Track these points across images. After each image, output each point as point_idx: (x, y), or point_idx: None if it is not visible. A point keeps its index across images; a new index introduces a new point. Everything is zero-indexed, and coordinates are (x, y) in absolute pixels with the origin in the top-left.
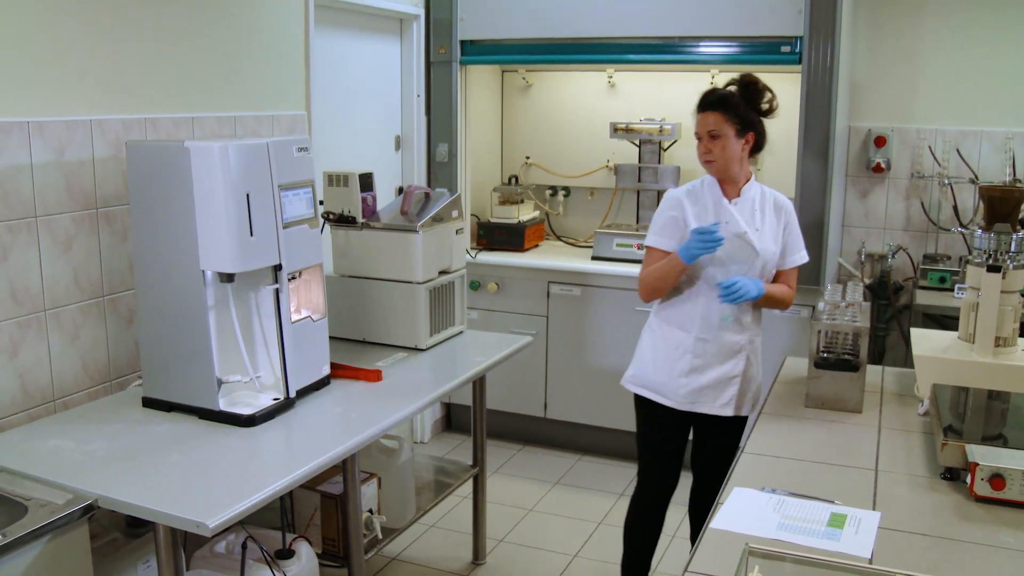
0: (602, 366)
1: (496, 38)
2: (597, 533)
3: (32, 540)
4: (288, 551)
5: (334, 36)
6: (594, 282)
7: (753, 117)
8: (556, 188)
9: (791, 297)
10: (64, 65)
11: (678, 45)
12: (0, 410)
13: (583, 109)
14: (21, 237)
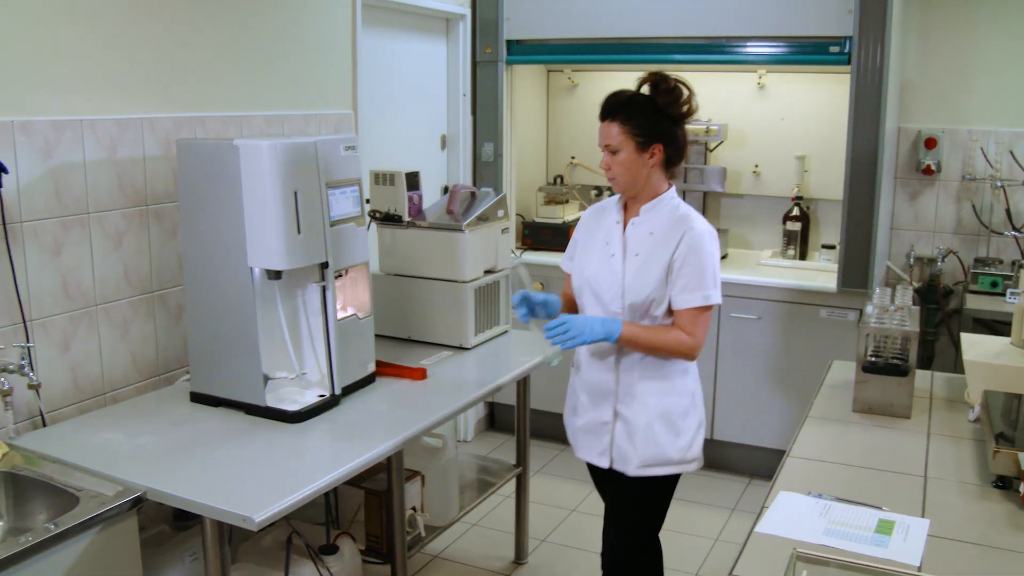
0: None
1: (542, 38)
2: None
3: (83, 531)
4: (332, 547)
5: (381, 36)
6: None
7: (663, 125)
8: (601, 188)
9: (685, 347)
10: (116, 65)
11: (725, 45)
12: (52, 402)
13: None
14: (74, 233)
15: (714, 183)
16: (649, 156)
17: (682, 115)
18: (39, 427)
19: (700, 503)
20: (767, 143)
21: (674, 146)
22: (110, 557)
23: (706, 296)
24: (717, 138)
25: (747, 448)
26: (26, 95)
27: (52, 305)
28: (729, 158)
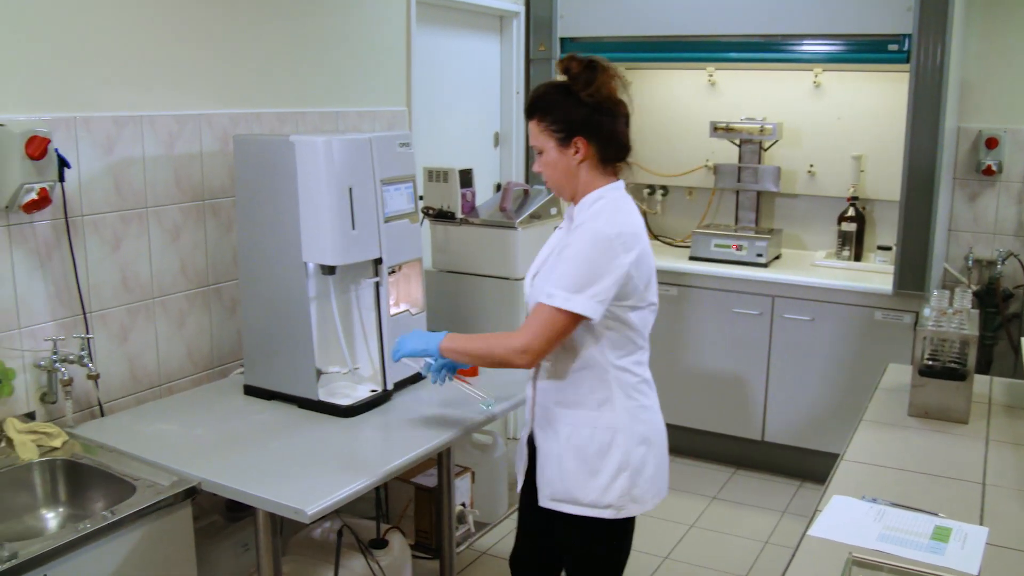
0: (698, 367)
1: (596, 36)
2: (689, 536)
3: (138, 519)
4: (382, 541)
5: (435, 33)
6: (691, 282)
7: (583, 115)
8: (654, 187)
9: (509, 348)
10: (175, 63)
11: (781, 43)
12: (110, 393)
13: (682, 108)
14: (132, 227)
15: (768, 183)
16: (574, 152)
17: (606, 100)
18: (97, 417)
19: (750, 505)
20: (823, 142)
21: (603, 137)
22: (165, 546)
23: (550, 294)
24: (772, 137)
25: (798, 451)
26: (88, 92)
27: (111, 297)
28: (784, 157)
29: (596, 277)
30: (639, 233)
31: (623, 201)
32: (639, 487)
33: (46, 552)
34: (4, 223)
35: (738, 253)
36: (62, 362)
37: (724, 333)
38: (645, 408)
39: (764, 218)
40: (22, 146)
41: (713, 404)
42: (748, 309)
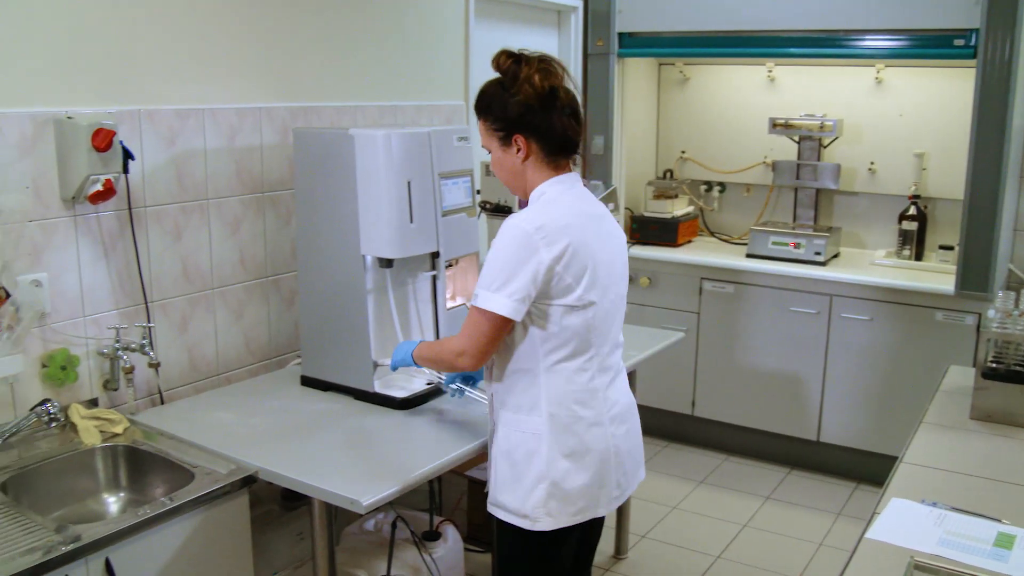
0: (753, 366)
1: (654, 31)
2: (742, 535)
3: (197, 506)
4: (435, 533)
5: (493, 28)
6: (748, 280)
7: (518, 112)
8: (711, 183)
9: (451, 350)
10: (236, 56)
11: (842, 38)
12: (170, 381)
13: (741, 104)
14: (194, 218)
15: (827, 180)
16: (516, 151)
17: (536, 95)
18: (157, 404)
19: (804, 506)
20: (884, 139)
21: (541, 133)
22: (222, 532)
23: (475, 294)
24: (831, 134)
25: (854, 452)
26: (152, 85)
27: (172, 287)
28: (844, 155)
29: (512, 274)
30: (570, 226)
31: (565, 195)
32: (556, 500)
33: (108, 536)
34: (70, 214)
35: (796, 251)
36: (124, 350)
37: (780, 332)
38: (580, 419)
39: (823, 216)
40: (88, 138)
41: (768, 403)
42: (805, 308)
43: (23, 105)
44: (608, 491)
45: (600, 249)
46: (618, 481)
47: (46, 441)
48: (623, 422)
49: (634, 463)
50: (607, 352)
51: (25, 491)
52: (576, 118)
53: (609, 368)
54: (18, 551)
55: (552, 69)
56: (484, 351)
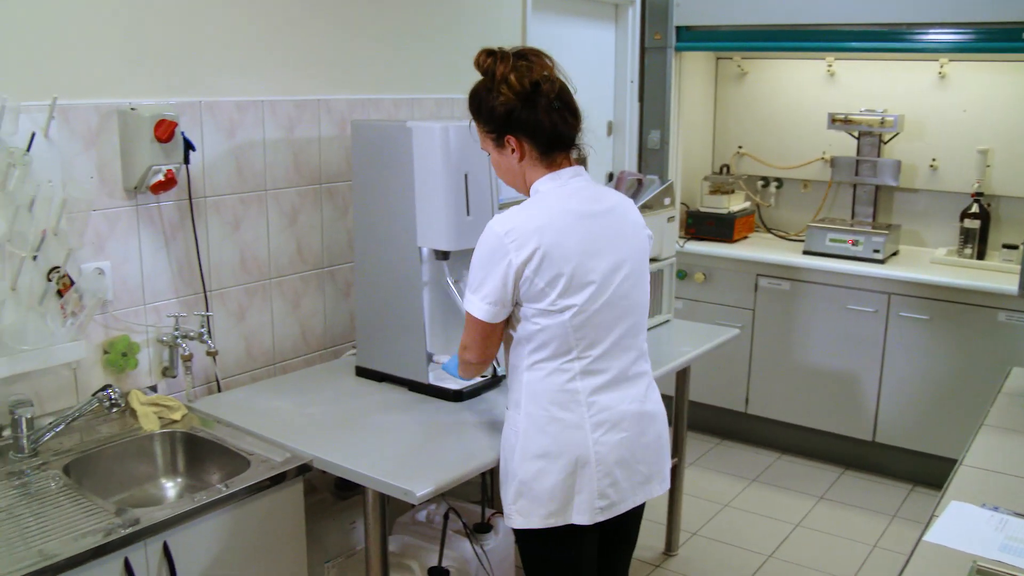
0: (809, 363)
1: (712, 24)
2: (794, 535)
3: (252, 493)
4: (486, 525)
5: (551, 21)
6: (805, 277)
7: (504, 112)
8: (768, 179)
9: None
10: (295, 49)
11: (905, 32)
12: (227, 369)
13: (799, 98)
14: (252, 209)
15: (887, 176)
16: (511, 151)
17: (518, 93)
18: (214, 392)
19: (858, 507)
20: (947, 135)
21: (529, 130)
22: (276, 520)
23: (466, 299)
24: (892, 129)
25: (911, 453)
26: (213, 77)
27: (230, 277)
28: (905, 151)
29: (484, 278)
30: (544, 227)
31: (553, 193)
32: (526, 500)
33: (166, 520)
34: (133, 203)
35: (854, 248)
36: (183, 338)
37: (837, 330)
38: (555, 420)
39: (882, 213)
40: (151, 129)
41: (823, 402)
42: (863, 306)
43: (88, 97)
44: (586, 499)
45: (591, 249)
46: (602, 491)
47: (107, 426)
48: (619, 430)
49: (636, 475)
50: (599, 356)
51: (86, 474)
52: (569, 110)
53: (600, 372)
54: (80, 532)
55: (531, 64)
56: (480, 349)
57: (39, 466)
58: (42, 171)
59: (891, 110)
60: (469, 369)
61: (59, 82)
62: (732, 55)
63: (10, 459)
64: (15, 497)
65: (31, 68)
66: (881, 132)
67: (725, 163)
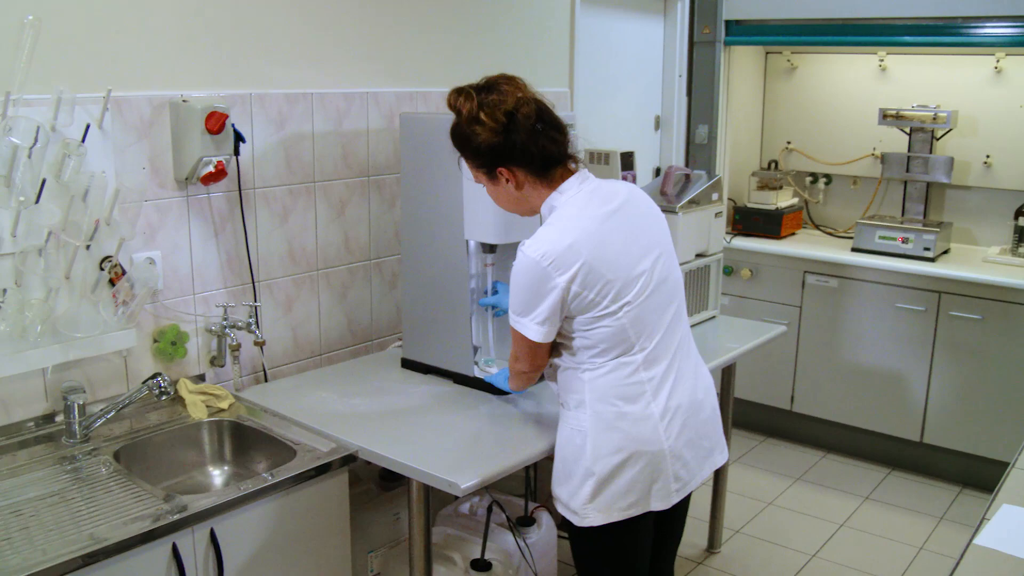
0: (856, 362)
1: (762, 18)
2: (839, 535)
3: (297, 483)
4: (529, 519)
5: (599, 14)
6: (853, 275)
7: (487, 145)
8: (817, 175)
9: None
10: (344, 42)
11: (960, 26)
12: (275, 359)
13: (850, 94)
14: (300, 200)
15: (939, 174)
16: (505, 181)
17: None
18: (261, 382)
19: (905, 508)
20: (1002, 132)
21: (518, 158)
22: (321, 509)
23: (511, 318)
24: (945, 125)
25: (960, 455)
26: (263, 70)
27: (278, 268)
28: (958, 147)
29: (533, 303)
30: (578, 242)
31: (570, 204)
32: (604, 497)
33: (212, 507)
34: (183, 194)
35: (904, 246)
36: (231, 328)
37: (885, 328)
38: (624, 415)
39: (933, 210)
40: (202, 121)
41: (870, 401)
42: (912, 305)
43: (141, 89)
44: (663, 485)
45: (620, 245)
46: (676, 474)
47: (156, 413)
48: (683, 412)
49: (701, 451)
50: (656, 343)
51: (136, 460)
52: (553, 127)
53: (659, 359)
54: (129, 517)
55: (502, 94)
56: (533, 362)
57: (90, 452)
58: (96, 162)
59: (944, 105)
60: (520, 379)
61: (113, 74)
62: (782, 49)
63: (62, 444)
64: (67, 481)
65: (86, 61)
66: (934, 128)
67: (773, 159)
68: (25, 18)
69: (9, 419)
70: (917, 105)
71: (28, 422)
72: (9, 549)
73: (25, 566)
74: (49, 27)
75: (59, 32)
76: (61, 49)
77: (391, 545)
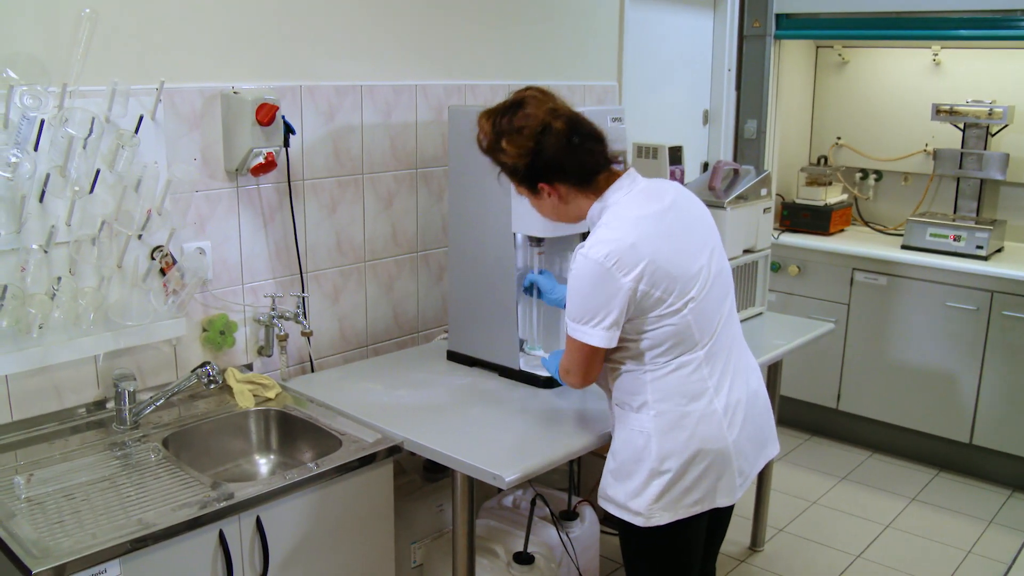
0: (904, 361)
1: (813, 11)
2: (884, 536)
3: (342, 473)
4: (573, 513)
5: (648, 8)
6: (903, 272)
7: (523, 165)
8: (867, 171)
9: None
10: (393, 35)
11: (1017, 19)
12: (320, 350)
13: (902, 88)
14: (349, 192)
15: (994, 170)
16: (548, 195)
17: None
18: (308, 372)
19: (952, 511)
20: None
21: (556, 173)
22: (365, 499)
23: (567, 323)
24: (1001, 121)
25: (1010, 457)
26: (313, 62)
27: (326, 259)
28: (1013, 143)
29: (598, 307)
30: (640, 241)
31: (621, 206)
32: (671, 496)
33: (259, 495)
34: (233, 185)
35: (956, 244)
36: (279, 318)
37: (935, 327)
38: (688, 414)
39: (986, 208)
40: (253, 113)
41: (918, 401)
42: (963, 304)
43: (193, 80)
44: (728, 481)
45: (679, 242)
46: (740, 469)
47: (204, 402)
48: (742, 408)
49: (758, 444)
50: (716, 338)
51: (184, 448)
52: (590, 138)
53: (718, 355)
54: (177, 504)
55: (528, 113)
56: (585, 374)
57: (140, 438)
58: (148, 152)
59: (1000, 101)
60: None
61: (166, 66)
62: (833, 43)
63: (113, 430)
64: (117, 467)
65: (140, 53)
66: (988, 124)
67: (823, 154)
68: (82, 12)
69: (62, 405)
70: (972, 100)
71: (80, 408)
72: (61, 532)
73: (76, 549)
74: (104, 20)
75: (114, 25)
76: (116, 42)
77: (434, 536)
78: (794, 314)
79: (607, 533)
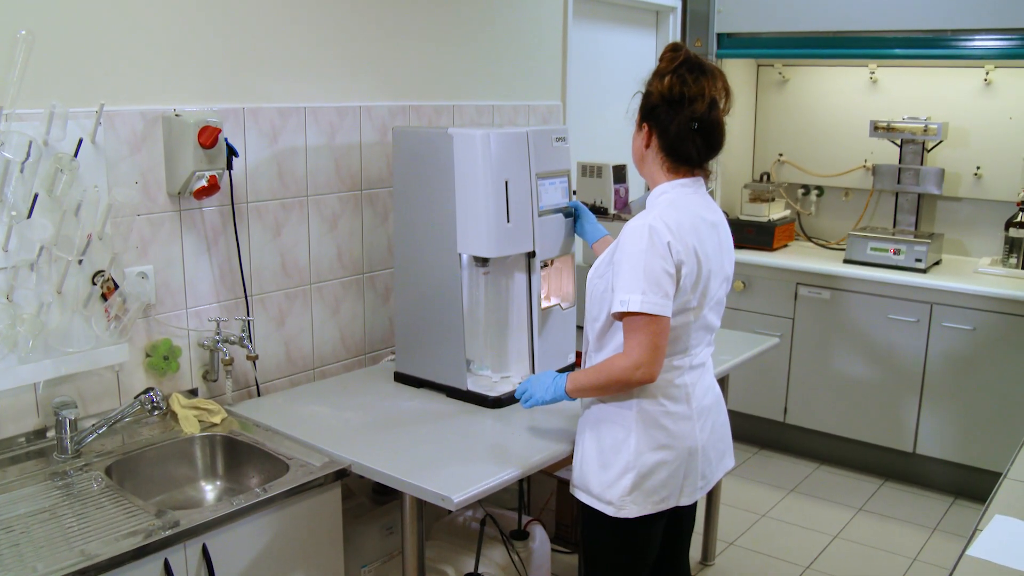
0: (848, 374)
1: (753, 31)
2: (832, 546)
3: (290, 497)
4: (523, 532)
5: (591, 28)
6: (845, 286)
7: (653, 102)
8: (809, 187)
9: (622, 369)
10: (338, 56)
11: (950, 39)
12: (267, 373)
13: (841, 106)
14: (293, 214)
15: (930, 185)
16: (643, 136)
17: (663, 94)
18: (254, 396)
19: (897, 519)
20: (992, 143)
21: (662, 130)
22: (314, 523)
23: (622, 301)
24: (936, 137)
25: (952, 465)
26: (256, 84)
27: (271, 282)
28: (948, 159)
29: (659, 276)
30: (693, 228)
31: (685, 199)
32: (641, 490)
33: (205, 523)
34: (176, 208)
35: (896, 257)
36: (224, 342)
37: (877, 340)
38: (668, 414)
39: (924, 222)
40: (195, 135)
41: (863, 412)
42: (904, 316)
43: (134, 103)
44: (692, 482)
45: (714, 257)
46: (703, 472)
47: (148, 428)
48: (711, 415)
49: (719, 453)
50: (700, 351)
51: (128, 476)
52: (705, 138)
53: (699, 365)
54: (121, 533)
55: (696, 77)
56: (657, 356)
57: (82, 467)
58: (88, 176)
59: (935, 117)
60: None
61: (106, 89)
62: (773, 62)
63: (53, 460)
64: (58, 497)
65: (79, 75)
66: (924, 140)
67: (765, 171)
68: (18, 33)
69: (0, 434)
70: (908, 117)
71: (19, 437)
72: (0, 567)
73: None
74: (42, 42)
75: (52, 47)
76: (54, 64)
77: (385, 559)
78: (740, 329)
79: (558, 552)
